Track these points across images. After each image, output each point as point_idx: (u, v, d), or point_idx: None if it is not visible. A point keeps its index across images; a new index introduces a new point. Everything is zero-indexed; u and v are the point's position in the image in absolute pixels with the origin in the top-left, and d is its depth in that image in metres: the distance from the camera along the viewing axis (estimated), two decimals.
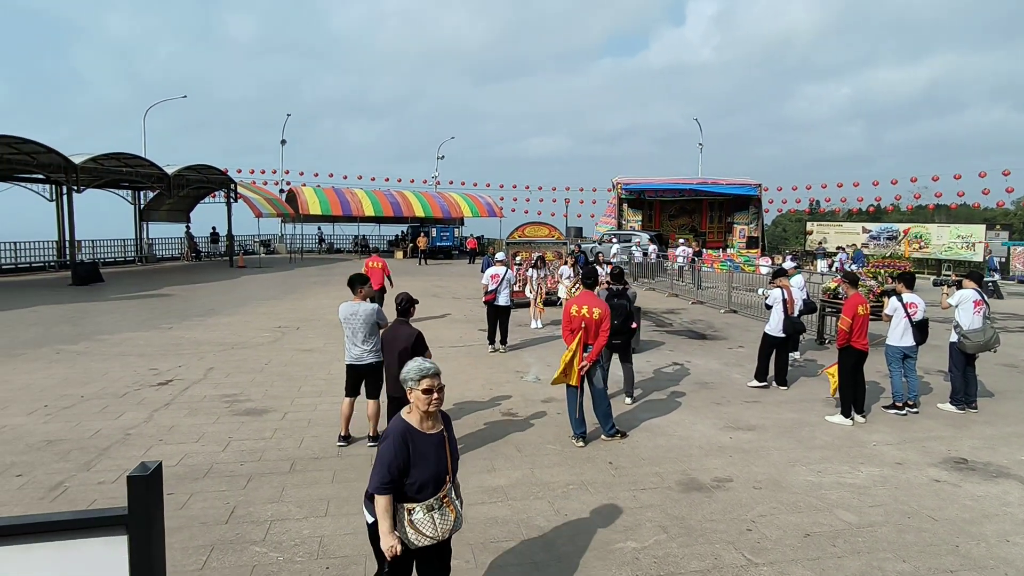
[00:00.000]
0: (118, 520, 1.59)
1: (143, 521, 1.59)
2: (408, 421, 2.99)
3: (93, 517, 1.59)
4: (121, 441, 6.26)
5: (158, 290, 19.03)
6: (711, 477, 5.59)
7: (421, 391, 2.92)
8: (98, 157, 21.86)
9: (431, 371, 2.96)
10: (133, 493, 1.59)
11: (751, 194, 31.25)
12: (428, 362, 2.98)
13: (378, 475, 2.85)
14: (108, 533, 1.60)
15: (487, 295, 11.03)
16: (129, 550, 1.59)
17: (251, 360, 9.85)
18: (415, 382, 2.94)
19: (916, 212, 39.72)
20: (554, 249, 16.32)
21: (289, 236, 38.52)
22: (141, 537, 1.59)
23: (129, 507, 1.58)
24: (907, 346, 7.40)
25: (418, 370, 2.94)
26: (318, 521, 4.71)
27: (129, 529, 1.59)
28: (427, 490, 2.90)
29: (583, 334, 6.25)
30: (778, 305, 8.66)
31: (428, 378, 2.93)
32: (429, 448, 2.94)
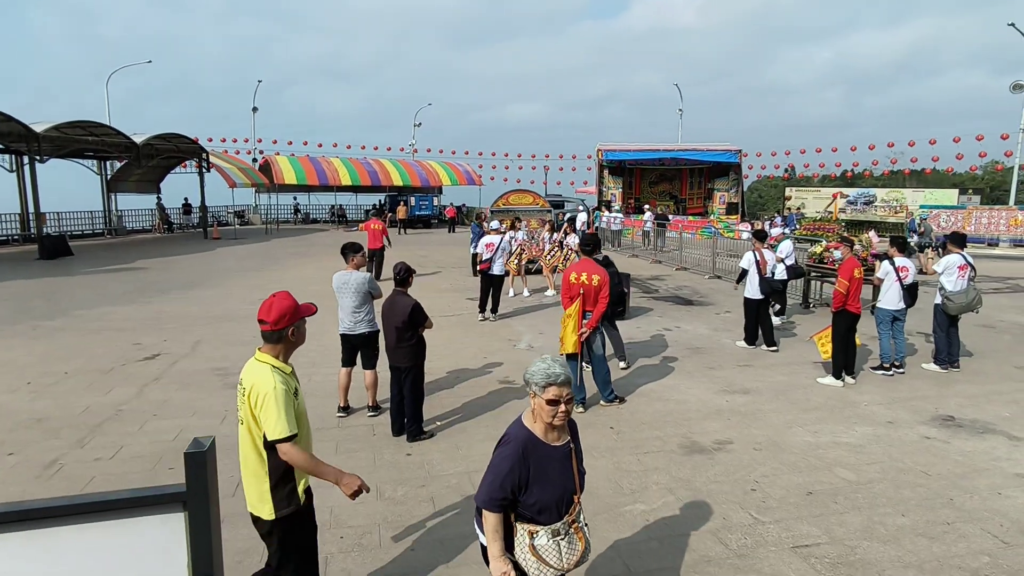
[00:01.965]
0: (177, 497, 1.53)
1: (202, 498, 1.54)
2: (532, 430, 2.49)
3: (152, 495, 1.53)
4: (113, 417, 6.13)
5: (131, 263, 18.53)
6: (712, 440, 5.69)
7: (545, 400, 2.39)
8: (61, 125, 20.97)
9: (559, 379, 2.39)
10: (191, 470, 1.53)
11: (732, 160, 31.34)
12: (558, 366, 2.43)
13: (488, 488, 2.42)
14: (166, 511, 1.55)
15: (482, 263, 11.00)
16: (189, 527, 1.54)
17: (238, 332, 9.68)
18: (539, 388, 2.40)
19: (892, 177, 40.34)
20: (538, 217, 16.19)
21: (264, 206, 37.68)
22: (200, 513, 1.54)
23: (187, 484, 1.53)
24: (898, 309, 7.56)
25: (544, 375, 2.39)
26: (325, 492, 4.65)
27: (188, 506, 1.54)
28: (550, 512, 2.45)
29: (581, 301, 6.24)
30: (752, 268, 8.93)
31: (555, 387, 2.39)
32: (553, 463, 2.47)
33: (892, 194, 32.82)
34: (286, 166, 34.11)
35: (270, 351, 2.88)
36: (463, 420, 6.09)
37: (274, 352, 2.88)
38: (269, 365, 2.82)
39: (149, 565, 1.57)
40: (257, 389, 2.74)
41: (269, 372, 2.77)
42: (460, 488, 4.72)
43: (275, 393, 2.69)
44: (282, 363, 2.89)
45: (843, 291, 7.12)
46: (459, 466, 5.11)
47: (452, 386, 7.10)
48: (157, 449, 5.39)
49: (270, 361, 2.84)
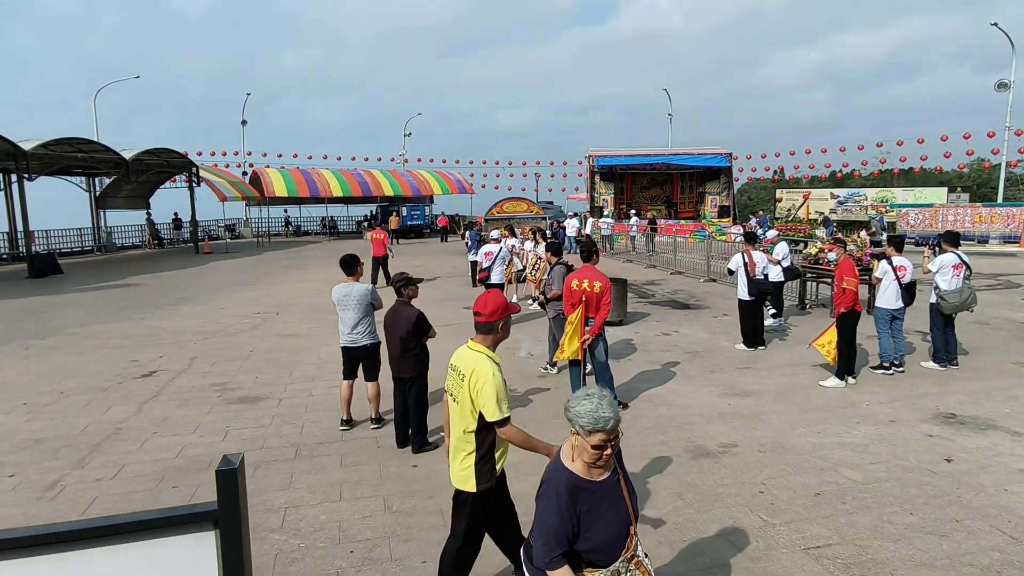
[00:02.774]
0: (208, 516, 1.51)
1: (233, 516, 1.52)
2: (572, 470, 2.27)
3: (183, 515, 1.51)
4: (112, 436, 6.06)
5: (123, 280, 18.39)
6: (716, 443, 5.69)
7: (591, 445, 2.20)
8: (49, 143, 20.82)
9: (608, 424, 2.17)
10: (222, 487, 1.51)
11: (723, 164, 31.56)
12: (607, 407, 2.19)
13: (544, 547, 2.22)
14: (197, 530, 1.52)
15: (481, 272, 11.04)
16: (220, 546, 1.52)
17: (235, 347, 9.62)
18: (585, 431, 2.20)
19: (881, 177, 40.73)
20: (533, 224, 16.21)
21: (255, 220, 37.55)
22: (232, 532, 1.52)
23: (219, 502, 1.51)
24: (896, 308, 7.62)
25: (592, 419, 2.17)
26: (333, 506, 4.65)
27: (219, 524, 1.52)
28: (608, 551, 2.26)
29: (584, 308, 6.25)
30: (740, 270, 9.15)
31: (602, 433, 2.17)
32: (603, 501, 2.27)
33: (882, 193, 33.16)
34: (276, 179, 34.03)
35: (482, 341, 3.17)
36: None
37: (486, 343, 3.17)
38: (485, 354, 3.11)
39: None
40: (478, 375, 3.03)
41: (487, 361, 3.08)
42: None
43: (495, 381, 3.01)
44: (493, 352, 3.17)
45: (854, 289, 7.16)
46: None
47: None
48: (159, 468, 5.33)
49: (484, 351, 3.13)
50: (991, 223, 25.46)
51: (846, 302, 7.19)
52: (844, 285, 7.18)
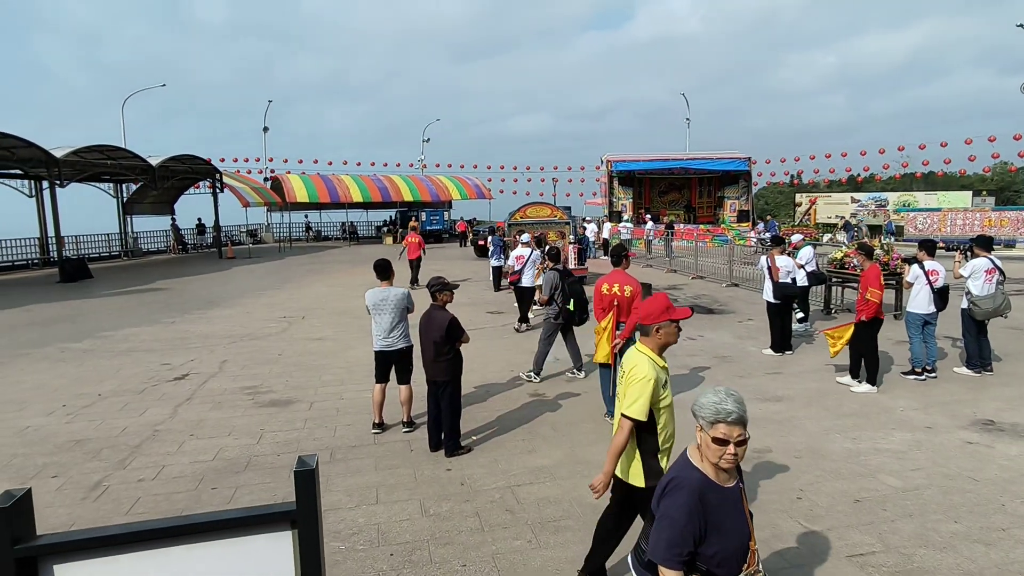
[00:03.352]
0: (286, 516, 1.55)
1: (311, 516, 1.55)
2: (702, 470, 2.22)
3: (262, 514, 1.54)
4: (151, 437, 6.17)
5: (150, 284, 18.70)
6: (750, 448, 5.64)
7: (712, 438, 2.15)
8: (80, 150, 21.27)
9: (730, 416, 2.13)
10: (300, 488, 1.55)
11: (742, 168, 31.34)
12: (731, 401, 2.15)
13: (666, 543, 2.16)
14: (275, 529, 1.56)
15: (512, 275, 11.20)
16: (298, 545, 1.56)
17: (263, 351, 9.74)
18: (707, 423, 2.17)
19: (902, 181, 40.14)
20: (557, 229, 16.14)
21: (276, 225, 38.00)
22: (309, 531, 1.55)
23: (297, 502, 1.54)
24: (928, 313, 7.51)
25: (714, 409, 2.15)
26: (370, 509, 4.69)
27: (296, 524, 1.55)
28: (730, 565, 2.18)
29: (616, 312, 6.25)
30: (765, 272, 9.24)
31: (725, 424, 2.13)
32: (728, 508, 2.20)
33: (903, 198, 32.74)
34: (298, 184, 34.42)
35: (646, 343, 3.32)
36: (499, 434, 6.09)
37: (649, 344, 3.30)
38: (646, 355, 3.27)
39: None
40: (631, 371, 3.21)
41: (645, 360, 3.23)
42: (504, 502, 4.71)
43: (642, 379, 3.13)
44: (658, 356, 3.29)
45: (878, 301, 7.06)
46: (500, 480, 5.10)
47: (484, 400, 7.10)
48: (198, 469, 5.41)
49: (647, 352, 3.29)
50: (1000, 227, 25.13)
51: (868, 311, 7.10)
52: (868, 296, 7.10)
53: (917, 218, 27.31)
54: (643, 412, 3.12)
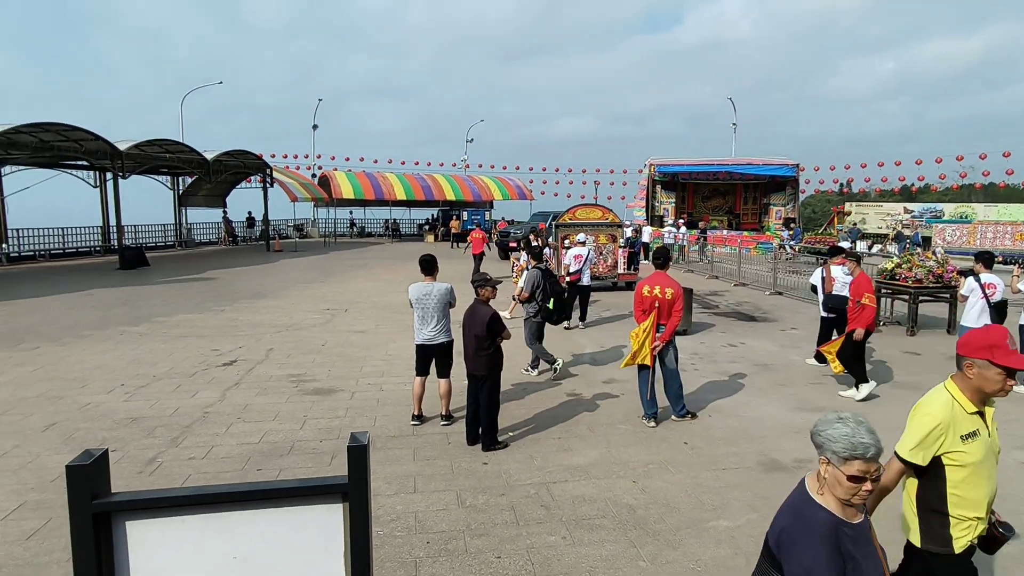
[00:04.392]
0: (339, 489, 1.63)
1: (362, 491, 1.63)
2: (829, 508, 1.96)
3: (317, 486, 1.63)
4: (201, 419, 6.42)
5: (202, 273, 19.40)
6: (791, 458, 5.56)
7: (846, 475, 1.90)
8: (141, 144, 22.24)
9: (868, 451, 1.89)
10: (352, 463, 1.63)
11: (789, 175, 30.62)
12: (865, 432, 1.91)
13: None
14: (328, 501, 1.64)
15: (572, 275, 11.20)
16: (348, 517, 1.64)
17: (308, 341, 10.01)
18: (839, 459, 1.91)
19: (960, 191, 38.58)
20: (608, 232, 15.66)
21: (322, 220, 38.91)
22: (360, 505, 1.63)
23: (349, 477, 1.62)
24: None
25: (849, 444, 1.89)
26: (408, 497, 4.79)
27: (348, 497, 1.63)
28: None
29: (656, 314, 6.23)
30: (819, 284, 8.83)
31: (862, 461, 1.89)
32: (862, 548, 1.95)
33: (960, 209, 31.48)
34: (344, 181, 35.15)
35: (956, 381, 2.65)
36: (535, 431, 6.13)
37: (958, 383, 2.64)
38: (948, 393, 2.65)
39: (309, 553, 1.66)
40: (918, 402, 2.71)
41: (941, 399, 2.64)
42: (539, 498, 4.76)
43: (923, 416, 2.63)
44: (965, 397, 2.60)
45: (874, 305, 7.06)
46: (536, 476, 5.14)
47: (521, 397, 7.16)
48: (244, 451, 5.62)
49: (952, 390, 2.65)
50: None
51: (864, 320, 6.97)
52: (864, 300, 6.99)
53: (946, 229, 26.81)
54: (918, 455, 2.63)
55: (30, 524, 4.30)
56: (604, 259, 15.52)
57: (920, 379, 8.10)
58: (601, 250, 15.49)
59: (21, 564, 3.85)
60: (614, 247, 15.79)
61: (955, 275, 10.72)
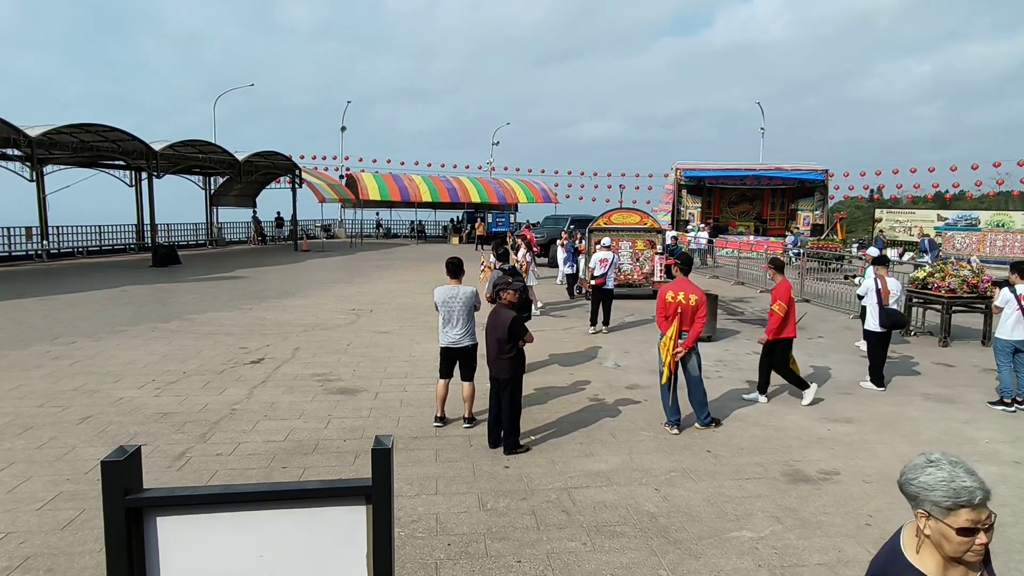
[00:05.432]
0: (362, 491, 1.66)
1: (385, 493, 1.65)
2: (920, 568, 1.66)
3: (340, 487, 1.66)
4: (228, 416, 6.55)
5: (231, 272, 19.77)
6: (816, 469, 5.46)
7: (955, 529, 1.57)
8: (175, 144, 22.77)
9: (975, 497, 1.56)
10: (376, 466, 1.65)
11: (818, 179, 30.08)
12: (964, 474, 1.60)
13: None
14: (350, 503, 1.67)
15: (596, 279, 11.22)
16: (372, 519, 1.66)
17: (333, 341, 10.14)
18: (942, 509, 1.59)
19: (997, 199, 37.52)
20: (646, 238, 15.07)
21: (349, 221, 39.35)
22: (383, 507, 1.65)
23: (373, 479, 1.65)
24: (1018, 340, 7.03)
25: (950, 491, 1.57)
26: (430, 499, 4.83)
27: (371, 500, 1.66)
28: None
29: (679, 320, 6.18)
30: (871, 296, 8.13)
31: (970, 510, 1.56)
32: None
33: (997, 217, 30.55)
34: (371, 183, 35.53)
35: None
36: (557, 436, 6.13)
37: None
38: None
39: (332, 554, 1.70)
40: None
41: None
42: (560, 503, 4.75)
43: None
44: None
45: (781, 314, 7.02)
46: (557, 481, 5.14)
47: (544, 402, 7.16)
48: (270, 448, 5.72)
49: None
50: None
51: (771, 327, 7.11)
52: (774, 307, 7.04)
53: (955, 237, 26.41)
54: None
55: (65, 515, 4.43)
56: (640, 266, 15.12)
57: (952, 392, 7.91)
58: (638, 256, 14.99)
59: (56, 553, 3.97)
60: (652, 253, 15.13)
61: (990, 285, 10.43)
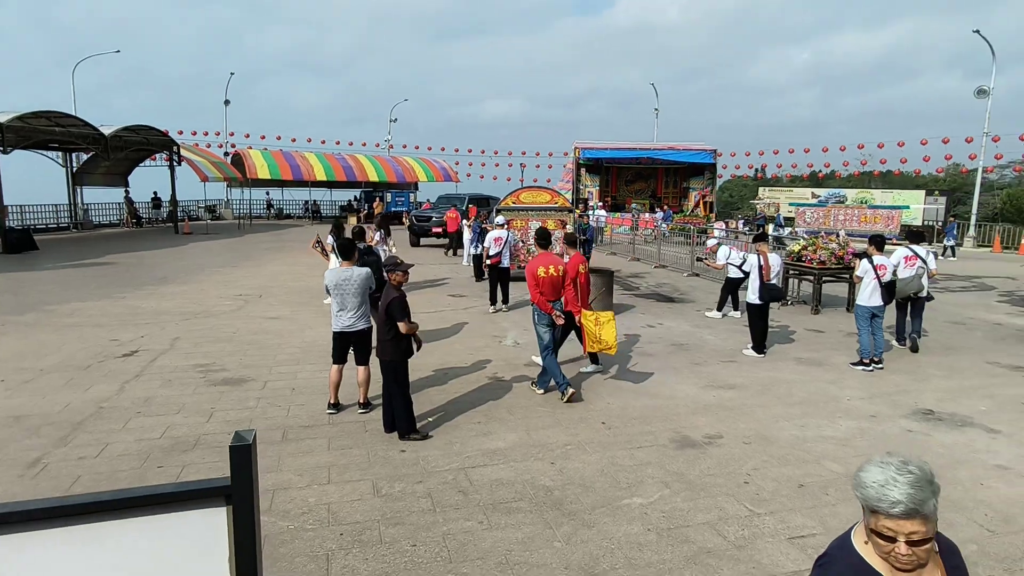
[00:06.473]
0: (220, 491, 1.50)
1: (246, 492, 1.51)
2: (861, 555, 1.65)
3: (195, 489, 1.50)
4: (95, 415, 5.96)
5: (100, 258, 18.02)
6: (702, 434, 5.77)
7: (869, 528, 1.58)
8: (25, 115, 20.24)
9: (895, 508, 1.50)
10: (235, 463, 1.50)
11: (707, 160, 31.74)
12: (902, 484, 1.51)
13: None
14: (208, 505, 1.51)
15: (492, 258, 11.19)
16: (232, 522, 1.51)
17: (217, 329, 9.50)
18: (866, 509, 1.59)
19: (861, 178, 41.33)
20: (556, 217, 14.43)
21: (236, 201, 37.00)
22: (244, 508, 1.51)
23: (232, 478, 1.50)
24: (875, 306, 7.77)
25: (874, 494, 1.54)
26: (322, 488, 4.64)
27: (231, 500, 1.51)
28: None
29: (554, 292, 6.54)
30: (755, 272, 8.56)
31: (888, 519, 1.52)
32: None
33: (861, 194, 33.74)
34: (259, 160, 33.55)
35: None
36: (456, 417, 6.07)
37: None
38: None
39: (191, 562, 1.53)
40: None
41: None
42: (457, 484, 4.71)
43: None
44: None
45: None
46: (454, 462, 5.09)
47: (443, 382, 7.08)
48: (144, 447, 5.26)
49: None
50: (873, 223, 27.89)
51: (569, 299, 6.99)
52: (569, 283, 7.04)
53: (806, 212, 30.01)
54: None
55: None
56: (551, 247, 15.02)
57: (821, 355, 8.62)
58: None
59: None
60: (563, 233, 14.95)
61: (853, 257, 11.45)
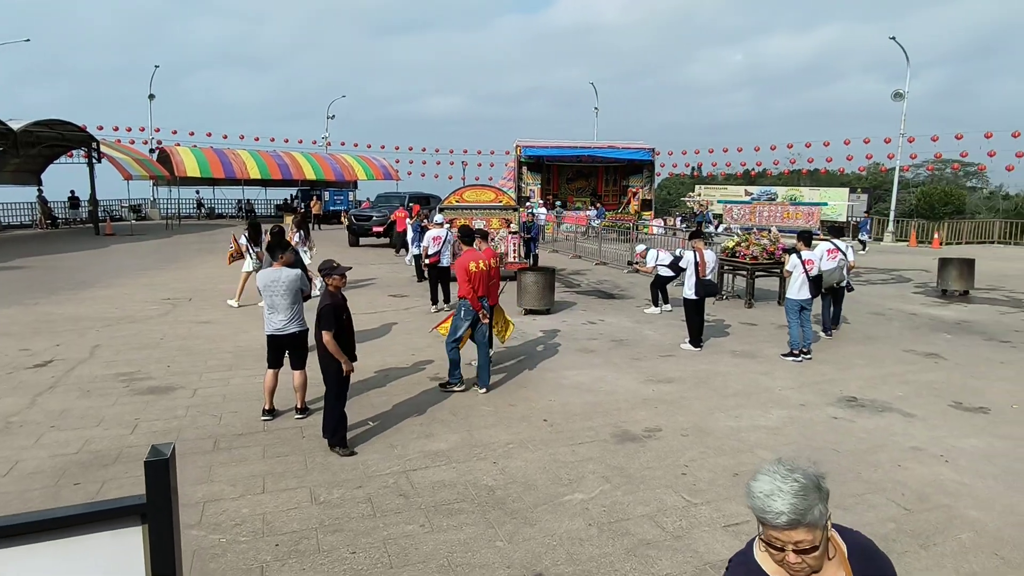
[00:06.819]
0: (135, 510, 1.40)
1: (164, 510, 1.41)
2: (758, 561, 1.65)
3: (107, 509, 1.39)
4: (3, 431, 5.55)
5: (10, 262, 16.79)
6: (641, 428, 5.88)
7: (768, 545, 1.55)
8: None
9: (779, 519, 1.48)
10: (151, 479, 1.40)
11: (646, 159, 32.45)
12: (786, 495, 1.48)
13: None
14: (122, 525, 1.41)
15: (430, 257, 11.19)
16: (148, 541, 1.41)
17: (142, 335, 9.02)
18: (759, 523, 1.57)
19: (791, 176, 43.26)
20: (501, 216, 14.16)
21: (163, 200, 35.27)
22: (162, 526, 1.41)
23: (147, 495, 1.40)
24: (804, 299, 8.12)
25: (758, 504, 1.52)
26: (256, 499, 4.46)
27: (148, 519, 1.41)
28: None
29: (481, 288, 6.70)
30: (691, 268, 8.73)
31: (773, 530, 1.51)
32: None
33: (791, 192, 35.31)
34: (188, 158, 32.06)
35: None
36: (396, 419, 5.97)
37: None
38: None
39: None
40: None
41: None
42: (398, 487, 4.63)
43: None
44: None
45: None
46: (395, 465, 5.00)
47: (383, 384, 6.94)
48: (59, 464, 4.92)
49: None
50: (795, 219, 29.73)
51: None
52: None
53: (733, 209, 32.26)
54: None
55: None
56: (495, 247, 14.89)
57: (754, 348, 8.94)
58: (492, 237, 14.71)
59: None
60: (507, 233, 14.16)
61: (783, 253, 11.94)
